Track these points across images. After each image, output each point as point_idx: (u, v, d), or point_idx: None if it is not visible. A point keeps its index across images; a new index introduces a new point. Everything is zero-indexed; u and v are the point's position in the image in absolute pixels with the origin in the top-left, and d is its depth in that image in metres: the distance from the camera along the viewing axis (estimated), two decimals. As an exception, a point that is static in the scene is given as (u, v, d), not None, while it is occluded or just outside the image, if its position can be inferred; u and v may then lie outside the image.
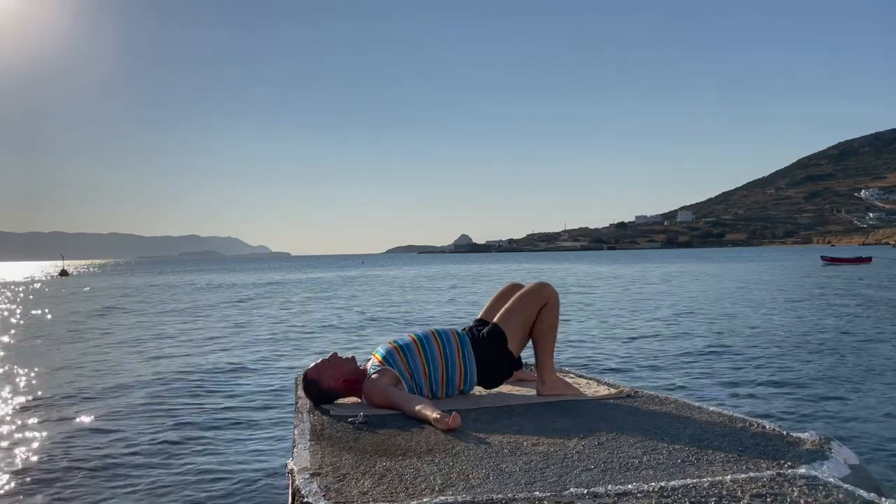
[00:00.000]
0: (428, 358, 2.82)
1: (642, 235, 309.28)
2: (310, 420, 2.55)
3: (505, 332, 2.91)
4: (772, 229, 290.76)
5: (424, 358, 2.82)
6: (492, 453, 2.02)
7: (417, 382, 2.80)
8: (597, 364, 7.40)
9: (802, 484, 1.58)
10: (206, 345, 10.02)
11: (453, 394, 2.91)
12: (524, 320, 2.94)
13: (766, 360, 7.42)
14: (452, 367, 2.85)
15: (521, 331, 2.94)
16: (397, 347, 2.85)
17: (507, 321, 2.94)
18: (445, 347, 2.86)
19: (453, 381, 2.86)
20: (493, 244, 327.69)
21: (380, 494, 1.68)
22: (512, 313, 2.95)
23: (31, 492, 3.64)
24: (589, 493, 1.58)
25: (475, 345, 2.90)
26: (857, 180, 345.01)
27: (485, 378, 2.93)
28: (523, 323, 2.94)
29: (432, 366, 2.82)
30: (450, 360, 2.85)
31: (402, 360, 2.80)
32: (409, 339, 2.89)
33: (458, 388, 2.89)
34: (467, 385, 2.90)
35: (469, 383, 2.90)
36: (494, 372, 2.93)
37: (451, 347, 2.87)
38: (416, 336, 2.90)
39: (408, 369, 2.79)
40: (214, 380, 6.97)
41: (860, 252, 60.43)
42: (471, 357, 2.87)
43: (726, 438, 2.10)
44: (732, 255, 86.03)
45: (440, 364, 2.83)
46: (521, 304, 2.97)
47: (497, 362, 2.91)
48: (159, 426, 5.01)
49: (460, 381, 2.88)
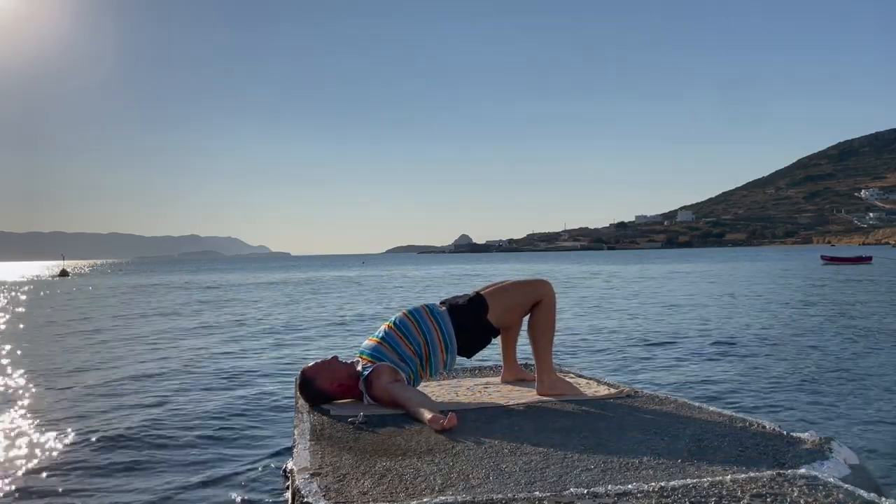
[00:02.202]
0: (410, 339, 2.84)
1: (642, 235, 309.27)
2: (310, 420, 2.55)
3: (487, 302, 2.91)
4: (772, 229, 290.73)
5: (407, 340, 2.84)
6: (492, 453, 2.02)
7: (411, 366, 2.82)
8: (596, 364, 7.39)
9: (802, 484, 1.58)
10: (206, 344, 10.02)
11: (437, 369, 2.92)
12: (513, 305, 2.94)
13: (766, 359, 7.41)
14: (432, 343, 2.86)
15: (505, 312, 2.94)
16: (379, 341, 2.86)
17: (494, 296, 2.94)
18: (420, 324, 2.88)
19: (436, 355, 2.87)
20: (493, 244, 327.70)
21: (380, 494, 1.68)
22: (502, 293, 2.97)
23: (23, 494, 3.64)
24: (589, 493, 1.58)
25: (453, 312, 2.91)
26: (857, 180, 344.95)
27: (463, 347, 2.94)
28: (510, 307, 2.94)
29: (415, 345, 2.84)
30: (428, 336, 2.86)
31: (389, 350, 2.82)
32: (386, 328, 2.91)
33: (441, 361, 2.90)
34: (449, 355, 2.91)
35: (451, 353, 2.91)
36: (472, 340, 2.93)
37: (425, 323, 2.88)
38: (392, 323, 2.92)
39: (398, 357, 2.81)
40: (213, 379, 6.97)
41: (860, 252, 60.41)
42: (447, 326, 2.88)
43: (726, 438, 2.10)
44: (732, 255, 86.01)
45: (421, 342, 2.85)
46: (514, 289, 2.98)
47: (475, 330, 2.91)
48: (157, 426, 5.00)
49: (443, 354, 2.88)
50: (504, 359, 3.33)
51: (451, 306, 2.95)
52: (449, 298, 3.05)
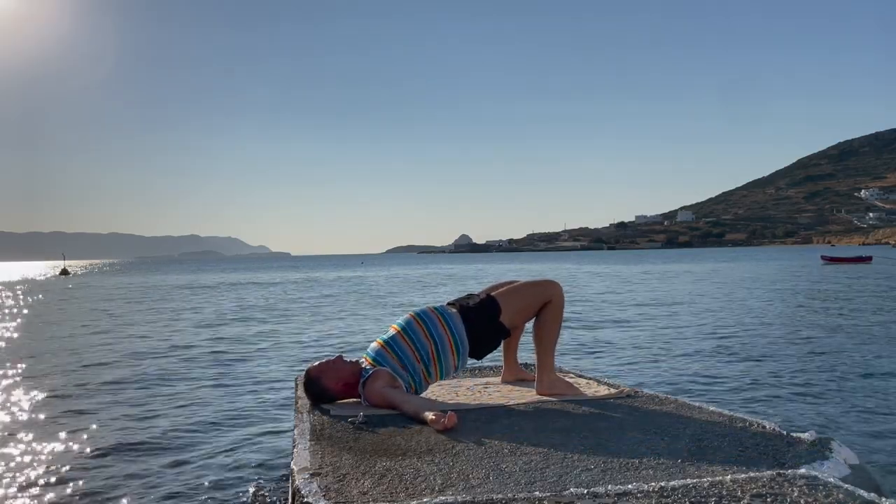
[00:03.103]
0: (416, 345, 2.80)
1: (642, 235, 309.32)
2: (310, 420, 2.55)
3: (499, 304, 2.89)
4: (772, 229, 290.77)
5: (413, 346, 2.80)
6: (492, 453, 2.02)
7: (413, 373, 2.79)
8: (596, 364, 7.40)
9: (802, 484, 1.58)
10: (205, 344, 10.02)
11: (449, 372, 2.88)
12: (524, 306, 2.93)
13: (766, 359, 7.41)
14: (442, 346, 2.82)
15: (516, 313, 2.92)
16: (384, 344, 2.84)
17: (505, 298, 2.92)
18: (430, 328, 2.83)
19: (447, 358, 2.83)
20: (493, 244, 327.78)
21: (380, 494, 1.68)
22: (513, 294, 2.94)
23: (23, 494, 3.64)
24: (589, 493, 1.58)
25: (465, 314, 2.88)
26: (857, 180, 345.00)
27: (475, 349, 2.91)
28: (521, 308, 2.93)
29: (422, 351, 2.80)
30: (438, 340, 2.82)
31: (392, 355, 2.79)
32: (393, 331, 2.88)
33: (452, 365, 2.86)
34: (461, 359, 2.87)
35: (462, 356, 2.87)
36: (484, 342, 2.91)
37: (434, 326, 2.84)
38: (399, 326, 2.88)
39: (400, 364, 2.78)
40: (213, 379, 6.97)
41: (860, 252, 60.43)
42: (459, 329, 2.84)
43: (726, 438, 2.10)
44: (732, 255, 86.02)
45: (429, 347, 2.81)
46: (525, 290, 2.97)
47: (487, 332, 2.88)
48: (156, 425, 5.01)
49: (453, 358, 2.85)
50: (504, 359, 3.32)
51: (461, 307, 2.91)
52: (458, 299, 3.01)
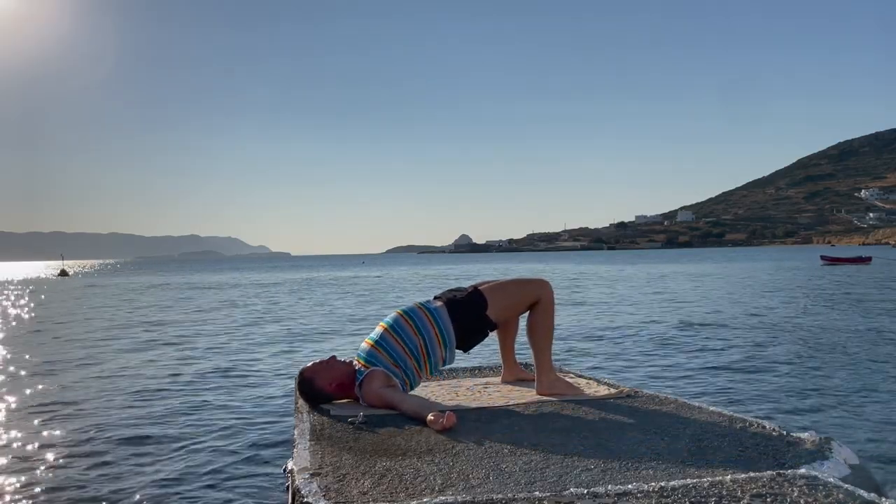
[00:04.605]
0: (405, 341, 2.81)
1: (642, 235, 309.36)
2: (310, 420, 2.55)
3: (487, 300, 2.89)
4: (772, 229, 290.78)
5: (402, 342, 2.81)
6: (492, 453, 2.02)
7: (405, 370, 2.80)
8: (596, 364, 7.40)
9: (802, 484, 1.58)
10: (205, 344, 10.02)
11: (438, 365, 2.89)
12: (511, 303, 2.94)
13: (766, 360, 7.41)
14: (430, 341, 2.83)
15: (503, 309, 2.92)
16: (373, 344, 2.84)
17: (492, 293, 2.92)
18: (417, 323, 2.84)
19: (435, 352, 2.84)
20: (493, 244, 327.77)
21: (380, 494, 1.69)
22: (500, 290, 2.95)
23: (23, 494, 3.64)
24: (589, 493, 1.58)
25: (451, 308, 2.88)
26: (857, 180, 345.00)
27: (462, 342, 2.91)
28: (508, 305, 2.93)
29: (412, 346, 2.81)
30: (426, 335, 2.83)
31: (384, 354, 2.79)
32: (381, 330, 2.88)
33: (441, 358, 2.87)
34: (448, 351, 2.88)
35: (449, 349, 2.87)
36: (470, 335, 2.91)
37: (422, 322, 2.85)
38: (387, 324, 2.89)
39: (393, 362, 2.78)
40: (213, 379, 6.97)
41: (860, 252, 60.40)
42: (445, 322, 2.85)
43: (726, 438, 2.10)
44: (732, 256, 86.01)
45: (418, 342, 2.81)
46: (513, 287, 2.97)
47: (474, 326, 2.89)
48: (156, 425, 5.01)
49: (441, 350, 2.85)
50: (503, 359, 3.32)
51: (448, 301, 2.91)
52: (444, 293, 3.02)
